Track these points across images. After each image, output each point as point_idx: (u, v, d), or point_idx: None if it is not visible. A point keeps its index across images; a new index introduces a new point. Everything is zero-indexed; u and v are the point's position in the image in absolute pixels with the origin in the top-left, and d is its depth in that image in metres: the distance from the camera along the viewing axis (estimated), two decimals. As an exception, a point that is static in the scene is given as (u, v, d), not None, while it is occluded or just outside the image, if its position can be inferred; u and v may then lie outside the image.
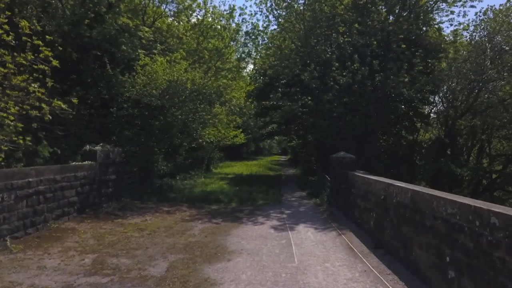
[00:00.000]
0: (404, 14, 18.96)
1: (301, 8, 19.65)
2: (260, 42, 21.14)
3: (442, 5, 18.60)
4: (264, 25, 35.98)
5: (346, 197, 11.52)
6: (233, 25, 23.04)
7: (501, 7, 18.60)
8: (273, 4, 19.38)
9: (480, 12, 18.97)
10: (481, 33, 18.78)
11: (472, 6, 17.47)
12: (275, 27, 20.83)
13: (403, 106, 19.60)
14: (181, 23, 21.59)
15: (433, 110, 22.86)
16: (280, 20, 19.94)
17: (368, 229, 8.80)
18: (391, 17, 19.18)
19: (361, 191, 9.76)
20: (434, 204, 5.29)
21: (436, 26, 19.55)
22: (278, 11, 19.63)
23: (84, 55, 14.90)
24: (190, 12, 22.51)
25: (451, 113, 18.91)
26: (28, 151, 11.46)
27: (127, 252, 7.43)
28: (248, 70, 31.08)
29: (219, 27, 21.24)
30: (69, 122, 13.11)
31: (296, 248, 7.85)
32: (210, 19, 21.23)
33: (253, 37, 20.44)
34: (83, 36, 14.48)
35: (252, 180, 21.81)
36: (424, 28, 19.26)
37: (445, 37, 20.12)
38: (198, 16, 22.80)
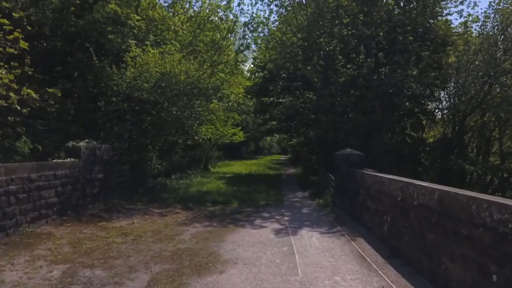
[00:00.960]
0: (411, 6, 17.97)
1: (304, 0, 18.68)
2: (260, 33, 20.10)
3: (452, -6, 17.59)
4: (265, 15, 34.77)
5: (353, 198, 10.52)
6: (231, 16, 22.06)
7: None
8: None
9: (494, 2, 17.80)
10: (494, 23, 17.72)
11: (484, -7, 16.72)
12: (276, 17, 19.80)
13: (407, 104, 18.65)
14: (177, 15, 20.54)
15: (439, 107, 21.81)
16: (282, 10, 18.95)
17: (381, 235, 7.80)
18: (397, 11, 18.17)
19: (371, 191, 8.76)
20: (472, 208, 4.29)
21: (444, 18, 18.61)
22: (280, 0, 18.61)
23: (71, 46, 13.88)
24: (187, 4, 21.50)
25: (461, 109, 17.85)
26: (5, 147, 10.44)
27: (104, 261, 6.43)
28: (247, 65, 30.06)
29: (216, 19, 20.23)
30: (52, 116, 12.09)
31: (300, 257, 6.85)
32: (207, 11, 20.21)
33: (251, 28, 19.39)
34: (70, 25, 13.46)
35: (251, 180, 20.76)
36: (432, 21, 18.29)
37: (454, 30, 19.16)
38: (195, 8, 21.82)
